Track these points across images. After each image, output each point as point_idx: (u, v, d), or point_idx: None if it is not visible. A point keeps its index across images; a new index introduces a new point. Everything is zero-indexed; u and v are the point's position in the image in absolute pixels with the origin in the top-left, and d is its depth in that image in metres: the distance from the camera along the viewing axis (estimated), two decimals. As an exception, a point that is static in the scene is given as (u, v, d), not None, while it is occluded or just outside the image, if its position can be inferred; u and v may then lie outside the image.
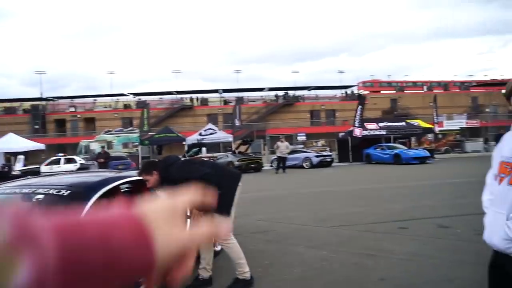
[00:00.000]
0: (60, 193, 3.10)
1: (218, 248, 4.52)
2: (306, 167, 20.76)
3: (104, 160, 17.46)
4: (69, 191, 3.10)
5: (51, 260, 0.28)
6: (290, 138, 28.98)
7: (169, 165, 3.59)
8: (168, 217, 0.37)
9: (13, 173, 17.55)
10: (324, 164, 20.91)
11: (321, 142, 31.15)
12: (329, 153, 23.15)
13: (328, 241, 5.35)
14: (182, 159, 4.22)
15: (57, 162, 21.16)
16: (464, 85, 54.48)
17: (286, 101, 48.02)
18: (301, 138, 31.11)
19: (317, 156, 21.29)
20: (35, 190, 3.23)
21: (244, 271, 3.69)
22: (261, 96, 50.94)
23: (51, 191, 3.15)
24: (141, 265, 0.33)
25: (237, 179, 3.85)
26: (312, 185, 13.00)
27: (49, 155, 25.15)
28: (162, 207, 0.37)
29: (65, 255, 0.29)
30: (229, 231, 3.58)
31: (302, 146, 27.59)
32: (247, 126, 35.85)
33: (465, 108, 46.01)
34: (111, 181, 3.43)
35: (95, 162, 18.43)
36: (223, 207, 3.61)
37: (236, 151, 20.85)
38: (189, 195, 0.41)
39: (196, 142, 24.24)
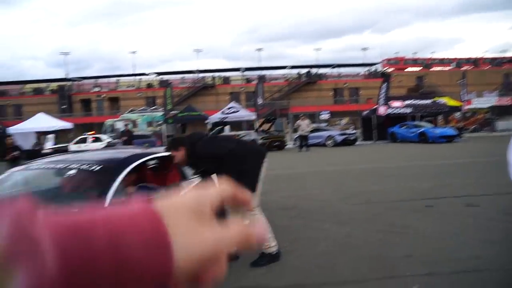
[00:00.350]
0: (91, 168, 3.20)
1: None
2: (329, 145, 20.63)
3: (128, 138, 17.79)
4: (100, 166, 3.20)
5: (52, 271, 0.25)
6: (313, 117, 28.75)
7: (195, 141, 3.65)
8: (192, 214, 0.32)
9: (44, 151, 18.17)
10: (347, 142, 20.71)
11: (344, 120, 30.78)
12: (353, 132, 22.88)
13: (352, 217, 5.36)
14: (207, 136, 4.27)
15: (84, 140, 21.79)
16: (496, 62, 52.34)
17: (308, 79, 47.44)
18: (325, 116, 30.80)
19: (340, 135, 21.10)
20: (68, 165, 3.35)
21: (270, 245, 3.75)
22: (283, 75, 50.47)
23: (83, 166, 3.26)
24: (157, 271, 0.28)
25: (262, 155, 3.87)
26: (335, 163, 12.94)
27: (77, 134, 25.84)
28: (184, 203, 0.32)
29: (69, 264, 0.26)
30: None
31: (325, 124, 27.33)
32: (270, 105, 35.72)
33: (496, 86, 44.33)
34: (139, 157, 3.52)
35: (119, 140, 18.84)
36: (249, 182, 3.65)
37: (259, 129, 20.86)
38: (219, 188, 0.35)
39: (219, 120, 24.38)
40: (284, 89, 46.11)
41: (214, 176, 4.06)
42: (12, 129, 22.80)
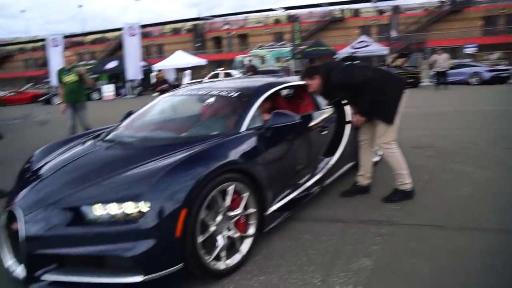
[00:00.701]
0: (230, 95, 3.34)
1: (378, 157, 4.44)
2: (473, 83, 18.22)
3: (253, 73, 18.32)
4: (237, 93, 3.32)
5: None
6: (456, 51, 25.44)
7: (331, 70, 3.50)
8: None
9: (183, 86, 19.97)
10: (497, 80, 17.97)
11: (495, 55, 26.54)
12: (506, 67, 19.65)
13: (500, 162, 4.73)
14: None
15: (216, 76, 23.23)
16: None
17: (453, 7, 41.47)
18: (470, 50, 26.90)
19: (489, 71, 18.35)
20: (209, 92, 3.56)
21: (405, 182, 3.56)
22: (422, 4, 44.97)
23: (222, 93, 3.42)
24: None
25: (402, 85, 3.56)
26: (480, 102, 11.43)
27: (210, 70, 27.60)
28: None
29: None
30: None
31: (470, 60, 23.98)
32: (405, 38, 32.55)
33: None
34: (274, 85, 3.55)
35: (247, 75, 19.54)
36: (387, 114, 3.43)
37: (392, 65, 19.40)
38: None
39: (348, 55, 23.35)
40: (422, 20, 41.30)
41: (348, 106, 3.91)
42: (155, 67, 25.43)
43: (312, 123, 3.61)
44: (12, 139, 9.25)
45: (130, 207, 2.17)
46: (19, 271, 2.35)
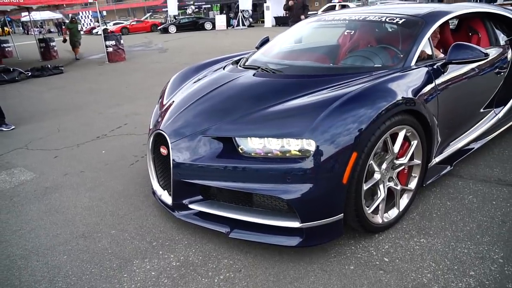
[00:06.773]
0: (393, 21, 2.76)
1: None
2: None
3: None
4: (403, 20, 2.74)
5: None
6: None
7: None
8: None
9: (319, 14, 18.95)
10: None
11: None
12: None
13: None
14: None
15: (333, 8, 21.70)
16: None
17: None
18: None
19: None
20: (365, 17, 3.01)
21: None
22: None
23: (383, 19, 2.85)
24: None
25: None
26: None
27: (323, 3, 25.91)
28: None
29: None
30: None
31: None
32: None
33: None
34: (447, 12, 2.83)
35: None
36: None
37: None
38: None
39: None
40: None
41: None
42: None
43: (490, 62, 2.92)
44: (139, 62, 9.77)
45: (292, 144, 1.89)
46: (166, 196, 2.30)
